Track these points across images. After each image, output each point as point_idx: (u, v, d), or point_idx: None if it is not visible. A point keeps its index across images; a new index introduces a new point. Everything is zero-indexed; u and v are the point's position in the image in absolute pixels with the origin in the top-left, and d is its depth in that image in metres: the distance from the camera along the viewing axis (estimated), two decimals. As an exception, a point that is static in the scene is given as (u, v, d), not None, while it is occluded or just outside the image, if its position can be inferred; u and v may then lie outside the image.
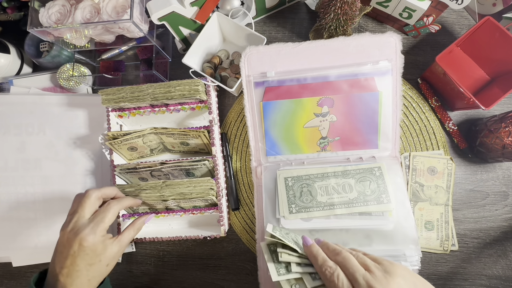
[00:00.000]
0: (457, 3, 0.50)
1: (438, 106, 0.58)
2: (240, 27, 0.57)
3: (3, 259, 0.64)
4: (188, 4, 0.52)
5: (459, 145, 0.58)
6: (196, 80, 0.55)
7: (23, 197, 0.63)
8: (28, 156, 0.64)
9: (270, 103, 0.55)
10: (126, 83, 0.66)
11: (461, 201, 0.58)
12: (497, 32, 0.51)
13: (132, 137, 0.56)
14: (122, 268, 0.62)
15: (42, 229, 0.63)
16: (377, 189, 0.51)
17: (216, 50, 0.63)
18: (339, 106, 0.54)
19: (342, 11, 0.51)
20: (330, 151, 0.56)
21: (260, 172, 0.57)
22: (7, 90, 0.66)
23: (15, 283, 0.65)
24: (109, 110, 0.58)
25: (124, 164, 0.57)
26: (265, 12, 0.64)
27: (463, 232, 0.57)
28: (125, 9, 0.52)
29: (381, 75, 0.53)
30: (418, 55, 0.61)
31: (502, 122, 0.51)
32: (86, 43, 0.60)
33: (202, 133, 0.55)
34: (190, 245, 0.61)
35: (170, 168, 0.56)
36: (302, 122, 0.55)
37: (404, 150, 0.59)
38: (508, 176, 0.58)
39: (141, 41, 0.63)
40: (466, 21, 0.62)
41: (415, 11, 0.54)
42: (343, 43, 0.52)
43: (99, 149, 0.63)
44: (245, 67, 0.55)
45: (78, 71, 0.63)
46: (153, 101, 0.56)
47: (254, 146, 0.58)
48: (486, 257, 0.57)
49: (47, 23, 0.53)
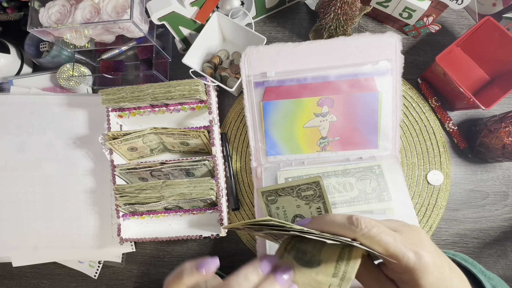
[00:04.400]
0: (457, 3, 0.50)
1: (438, 106, 0.58)
2: (240, 27, 0.57)
3: (3, 259, 0.64)
4: (188, 4, 0.52)
5: (459, 145, 0.58)
6: (196, 80, 0.55)
7: (23, 197, 0.63)
8: (28, 156, 0.64)
9: (270, 103, 0.55)
10: (126, 83, 0.66)
11: (461, 201, 0.58)
12: (497, 32, 0.51)
13: (132, 137, 0.56)
14: (122, 268, 0.62)
15: (42, 229, 0.63)
16: (377, 187, 0.51)
17: (216, 50, 0.63)
18: (339, 106, 0.54)
19: (342, 11, 0.51)
20: (330, 151, 0.56)
21: (260, 172, 0.57)
22: (7, 90, 0.66)
23: (15, 283, 0.65)
24: (109, 110, 0.58)
25: (124, 164, 0.57)
26: (265, 12, 0.64)
27: (463, 232, 0.57)
28: (125, 9, 0.52)
29: (381, 75, 0.53)
30: (418, 55, 0.61)
31: (502, 122, 0.51)
32: (86, 43, 0.60)
33: (202, 133, 0.55)
34: (190, 245, 0.61)
35: (170, 168, 0.56)
36: (302, 122, 0.55)
37: (404, 150, 0.59)
38: (508, 176, 0.58)
39: (141, 41, 0.63)
40: (466, 21, 0.62)
41: (415, 11, 0.54)
42: (343, 43, 0.52)
43: (99, 149, 0.63)
44: (245, 67, 0.55)
45: (78, 71, 0.63)
46: (153, 101, 0.56)
47: (254, 146, 0.58)
48: (486, 257, 0.57)
49: (47, 23, 0.53)
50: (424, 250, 0.26)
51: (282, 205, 0.36)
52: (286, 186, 0.35)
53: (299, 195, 0.35)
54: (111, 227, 0.62)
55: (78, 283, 0.64)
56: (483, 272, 0.36)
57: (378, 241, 0.26)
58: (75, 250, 0.62)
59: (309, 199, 0.35)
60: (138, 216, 0.59)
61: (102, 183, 0.63)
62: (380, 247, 0.26)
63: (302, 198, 0.35)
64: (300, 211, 0.35)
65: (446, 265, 0.27)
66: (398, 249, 0.25)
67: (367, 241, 0.26)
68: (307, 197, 0.35)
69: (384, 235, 0.26)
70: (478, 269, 0.36)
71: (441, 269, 0.26)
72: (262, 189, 0.36)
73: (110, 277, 0.63)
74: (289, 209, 0.35)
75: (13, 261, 0.63)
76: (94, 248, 0.62)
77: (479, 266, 0.37)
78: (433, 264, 0.26)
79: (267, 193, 0.35)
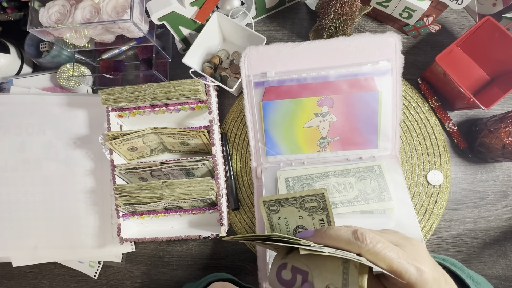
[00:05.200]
0: (457, 3, 0.50)
1: (438, 106, 0.58)
2: (240, 27, 0.57)
3: (3, 259, 0.64)
4: (188, 4, 0.52)
5: (459, 145, 0.58)
6: (196, 80, 0.55)
7: (23, 197, 0.63)
8: (28, 156, 0.64)
9: (270, 103, 0.55)
10: (126, 83, 0.66)
11: (461, 201, 0.58)
12: (497, 32, 0.51)
13: (132, 137, 0.56)
14: (122, 268, 0.62)
15: (42, 229, 0.63)
16: (377, 187, 0.51)
17: (216, 50, 0.63)
18: (339, 106, 0.54)
19: (342, 11, 0.51)
20: (330, 151, 0.56)
21: (260, 172, 0.57)
22: (7, 90, 0.66)
23: (15, 283, 0.65)
24: (109, 110, 0.58)
25: (124, 164, 0.57)
26: (265, 12, 0.64)
27: (463, 232, 0.57)
28: (125, 9, 0.52)
29: (381, 75, 0.53)
30: (418, 55, 0.61)
31: (502, 122, 0.51)
32: (86, 43, 0.60)
33: (202, 133, 0.55)
34: (190, 245, 0.61)
35: (170, 168, 0.56)
36: (302, 122, 0.55)
37: (404, 150, 0.59)
38: (508, 176, 0.58)
39: (141, 41, 0.63)
40: (466, 21, 0.62)
41: (415, 11, 0.54)
42: (343, 43, 0.52)
43: (99, 149, 0.63)
44: (245, 67, 0.55)
45: (78, 71, 0.63)
46: (153, 101, 0.56)
47: (254, 146, 0.58)
48: (486, 257, 0.57)
49: (47, 23, 0.53)
50: (424, 265, 0.26)
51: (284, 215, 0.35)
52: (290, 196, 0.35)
53: (302, 206, 0.35)
54: (111, 227, 0.62)
55: (78, 283, 0.64)
56: (471, 277, 0.38)
57: (383, 257, 0.26)
58: (75, 250, 0.62)
59: (313, 210, 0.35)
60: (138, 216, 0.59)
61: (102, 183, 0.63)
62: (384, 263, 0.26)
63: (306, 209, 0.35)
64: (303, 222, 0.35)
65: (442, 277, 0.28)
66: (401, 265, 0.26)
67: (371, 257, 0.26)
68: (310, 208, 0.35)
69: (388, 251, 0.26)
70: (466, 274, 0.38)
71: (438, 283, 0.27)
72: (264, 199, 0.35)
73: (110, 277, 0.63)
74: (291, 219, 0.35)
75: (13, 261, 0.63)
76: (94, 248, 0.62)
77: (467, 271, 0.39)
78: (433, 279, 0.26)
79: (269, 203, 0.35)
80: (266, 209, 0.35)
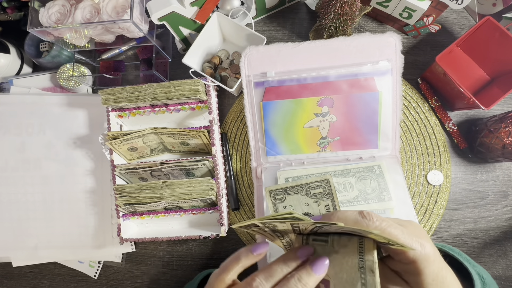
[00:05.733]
0: (457, 3, 0.50)
1: (438, 106, 0.58)
2: (240, 27, 0.57)
3: (3, 259, 0.64)
4: (188, 4, 0.52)
5: (459, 145, 0.58)
6: (196, 80, 0.55)
7: (23, 197, 0.63)
8: (28, 156, 0.64)
9: (270, 103, 0.55)
10: (126, 83, 0.66)
11: (461, 201, 0.58)
12: (497, 32, 0.51)
13: (132, 137, 0.56)
14: (122, 268, 0.62)
15: (42, 229, 0.63)
16: (377, 187, 0.51)
17: (216, 50, 0.63)
18: (339, 106, 0.54)
19: (342, 11, 0.51)
20: (330, 151, 0.56)
21: (260, 172, 0.57)
22: (7, 90, 0.66)
23: (15, 283, 0.65)
24: (109, 110, 0.58)
25: (124, 164, 0.57)
26: (265, 12, 0.64)
27: (463, 232, 0.57)
28: (125, 9, 0.52)
29: (381, 75, 0.53)
30: (418, 55, 0.61)
31: (502, 122, 0.51)
32: (86, 43, 0.60)
33: (202, 133, 0.55)
34: (190, 245, 0.61)
35: (170, 168, 0.56)
36: (302, 122, 0.55)
37: (404, 150, 0.59)
38: (508, 176, 0.58)
39: (141, 41, 0.63)
40: (466, 21, 0.62)
41: (415, 11, 0.54)
42: (343, 43, 0.52)
43: (99, 149, 0.63)
44: (245, 67, 0.55)
45: (78, 71, 0.63)
46: (153, 101, 0.56)
47: (254, 146, 0.58)
48: (486, 257, 0.57)
49: (47, 23, 0.53)
50: (426, 241, 0.28)
51: (290, 204, 0.36)
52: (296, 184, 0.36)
53: (308, 193, 0.35)
54: (111, 227, 0.62)
55: (78, 283, 0.64)
56: (468, 260, 0.41)
57: (388, 234, 0.27)
58: (75, 250, 0.62)
59: (318, 197, 0.35)
60: (138, 216, 0.59)
61: (102, 183, 0.63)
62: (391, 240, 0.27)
63: (311, 196, 0.36)
64: (309, 210, 0.36)
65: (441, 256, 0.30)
66: (406, 241, 0.27)
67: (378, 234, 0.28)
68: (316, 195, 0.35)
69: (393, 229, 0.28)
70: (464, 258, 0.41)
71: (440, 259, 0.29)
72: (270, 188, 0.36)
73: (110, 277, 0.63)
74: (297, 207, 0.36)
75: (13, 261, 0.63)
76: (94, 248, 0.62)
77: (464, 255, 0.42)
78: (434, 254, 0.28)
79: (276, 192, 0.36)
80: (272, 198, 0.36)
